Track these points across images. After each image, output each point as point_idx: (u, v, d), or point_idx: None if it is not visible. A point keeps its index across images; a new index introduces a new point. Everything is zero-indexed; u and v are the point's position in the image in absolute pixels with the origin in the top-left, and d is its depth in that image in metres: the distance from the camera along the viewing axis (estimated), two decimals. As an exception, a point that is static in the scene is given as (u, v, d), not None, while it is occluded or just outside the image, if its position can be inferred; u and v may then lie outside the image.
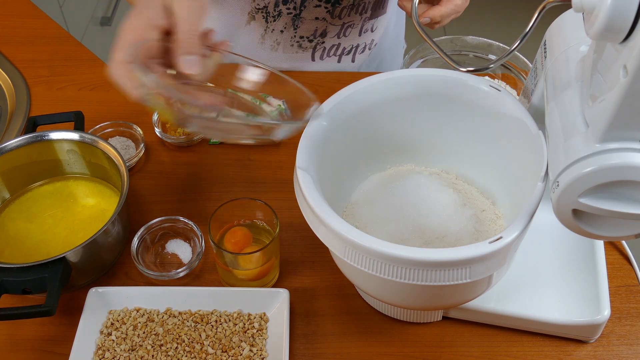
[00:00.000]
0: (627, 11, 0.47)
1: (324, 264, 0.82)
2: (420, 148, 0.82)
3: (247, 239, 0.79)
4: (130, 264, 0.83)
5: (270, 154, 0.96)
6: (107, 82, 0.99)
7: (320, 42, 1.06)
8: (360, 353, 0.75)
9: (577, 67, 0.62)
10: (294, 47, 1.06)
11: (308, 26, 1.03)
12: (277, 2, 0.99)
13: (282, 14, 1.01)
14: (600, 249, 0.78)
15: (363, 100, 0.75)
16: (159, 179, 0.93)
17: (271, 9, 1.00)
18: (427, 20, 0.85)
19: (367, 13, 1.05)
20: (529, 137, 0.68)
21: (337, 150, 0.75)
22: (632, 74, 0.48)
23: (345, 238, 0.61)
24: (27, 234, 0.82)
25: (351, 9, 1.02)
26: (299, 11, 1.01)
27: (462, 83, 0.75)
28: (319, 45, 1.07)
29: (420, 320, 0.77)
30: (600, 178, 0.54)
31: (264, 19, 1.02)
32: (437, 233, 0.74)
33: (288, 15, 1.01)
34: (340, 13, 1.02)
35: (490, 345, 0.76)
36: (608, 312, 0.73)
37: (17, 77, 1.06)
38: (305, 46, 1.06)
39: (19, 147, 0.84)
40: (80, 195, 0.87)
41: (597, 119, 0.54)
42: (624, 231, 0.59)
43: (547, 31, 0.70)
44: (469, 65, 0.76)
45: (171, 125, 0.97)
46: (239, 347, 0.74)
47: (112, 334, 0.75)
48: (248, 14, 1.02)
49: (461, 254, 0.59)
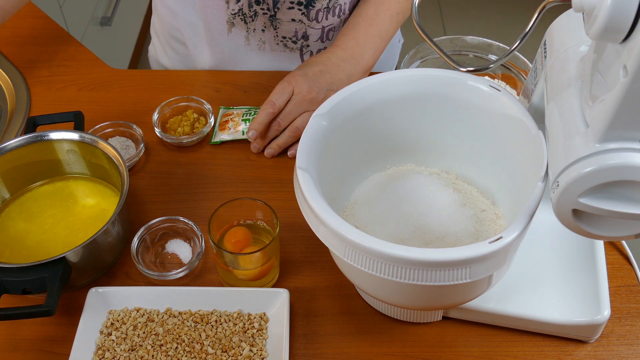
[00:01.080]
0: (627, 11, 0.47)
1: (324, 264, 0.82)
2: (420, 148, 0.82)
3: (247, 239, 0.79)
4: (130, 264, 0.83)
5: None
6: (107, 82, 1.00)
7: (305, 45, 1.06)
8: (360, 353, 0.75)
9: (577, 67, 0.62)
10: (280, 46, 1.06)
11: (287, 27, 1.03)
12: (250, 2, 0.99)
13: (258, 14, 1.01)
14: (600, 249, 0.78)
15: (363, 100, 0.75)
16: (159, 179, 0.93)
17: (246, 10, 1.01)
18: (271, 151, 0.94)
19: (345, 14, 1.03)
20: (529, 137, 0.68)
21: (337, 150, 0.75)
22: (632, 74, 0.48)
23: (345, 238, 0.61)
24: (27, 234, 0.82)
25: (327, 12, 1.01)
26: (274, 12, 1.01)
27: (462, 83, 0.75)
28: (305, 48, 1.07)
29: (420, 320, 0.77)
30: (600, 178, 0.54)
31: (242, 21, 1.02)
32: (437, 233, 0.74)
33: (264, 15, 1.01)
34: (316, 16, 1.01)
35: (490, 345, 0.76)
36: (608, 312, 0.73)
37: (17, 77, 1.06)
38: (290, 46, 1.06)
39: (19, 147, 0.84)
40: (80, 195, 0.87)
41: (597, 119, 0.54)
42: (624, 231, 0.59)
43: (547, 31, 0.70)
44: (469, 65, 0.76)
45: (171, 125, 0.97)
46: (239, 347, 0.74)
47: (112, 334, 0.75)
48: (227, 23, 1.02)
49: (461, 254, 0.59)
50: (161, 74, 1.09)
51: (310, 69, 0.93)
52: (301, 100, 0.91)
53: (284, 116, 0.92)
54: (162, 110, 0.97)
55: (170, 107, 0.98)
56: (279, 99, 0.91)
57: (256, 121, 0.92)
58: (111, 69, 1.08)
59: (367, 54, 0.96)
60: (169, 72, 1.11)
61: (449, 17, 2.72)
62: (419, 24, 0.80)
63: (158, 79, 1.07)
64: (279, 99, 0.91)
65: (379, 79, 0.76)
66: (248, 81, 1.06)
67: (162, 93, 1.03)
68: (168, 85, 1.05)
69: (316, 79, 0.92)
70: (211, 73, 1.08)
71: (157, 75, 1.08)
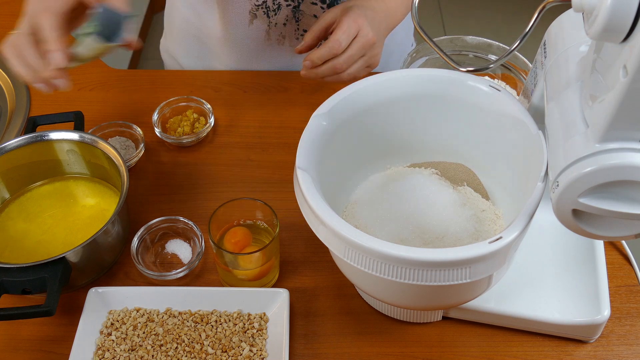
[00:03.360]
0: (627, 11, 0.46)
1: (324, 264, 0.82)
2: (420, 148, 0.82)
3: (247, 239, 0.79)
4: (130, 264, 0.83)
5: (270, 154, 0.96)
6: (107, 82, 1.00)
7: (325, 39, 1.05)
8: (360, 353, 0.75)
9: (577, 67, 0.62)
10: (300, 40, 1.06)
11: (309, 21, 1.03)
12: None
13: (282, 7, 1.01)
14: (600, 249, 0.78)
15: (363, 100, 0.75)
16: (159, 179, 0.93)
17: (270, 2, 1.00)
18: (307, 64, 0.89)
19: None
20: (529, 137, 0.68)
21: (337, 150, 0.75)
22: (632, 74, 0.48)
23: (345, 238, 0.61)
24: (27, 234, 0.82)
25: None
26: (297, 4, 1.01)
27: (462, 83, 0.75)
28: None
29: (420, 320, 0.77)
30: (600, 178, 0.54)
31: (265, 14, 1.02)
32: (437, 233, 0.74)
33: (287, 7, 1.01)
34: None
35: (490, 345, 0.76)
36: (608, 312, 0.73)
37: (17, 77, 1.05)
38: None
39: (19, 147, 0.84)
40: (80, 195, 0.87)
41: (597, 119, 0.54)
42: (624, 231, 0.59)
43: (547, 31, 0.70)
44: (469, 65, 0.76)
45: (170, 125, 0.97)
46: (239, 347, 0.74)
47: (112, 334, 0.75)
48: (249, 13, 1.02)
49: (461, 254, 0.59)
50: (161, 74, 1.09)
51: (369, 13, 0.91)
52: (364, 44, 0.89)
53: (345, 59, 0.89)
54: (162, 110, 0.97)
55: (170, 107, 0.98)
56: (345, 39, 0.88)
57: (317, 55, 0.88)
58: (111, 69, 1.08)
59: (398, 19, 0.97)
60: (169, 72, 1.11)
61: (449, 17, 2.72)
62: (419, 24, 0.80)
63: (158, 79, 1.07)
64: (345, 40, 0.88)
65: (379, 79, 0.76)
66: (248, 81, 1.06)
67: (162, 93, 1.03)
68: (168, 85, 1.05)
69: (377, 24, 0.90)
70: (211, 73, 1.08)
71: (157, 75, 1.08)
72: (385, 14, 0.94)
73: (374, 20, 0.91)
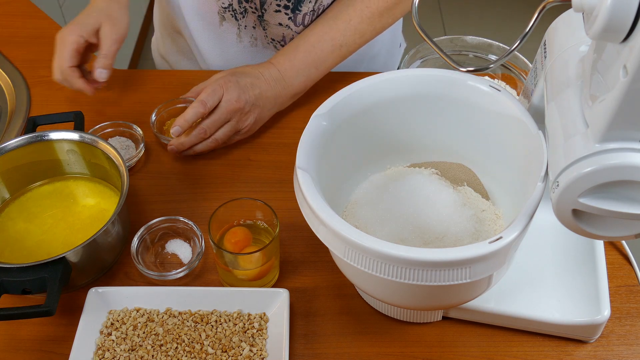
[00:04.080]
0: (627, 11, 0.46)
1: (324, 264, 0.82)
2: (420, 148, 0.82)
3: (247, 239, 0.79)
4: (130, 264, 0.83)
5: (270, 154, 0.96)
6: (107, 82, 1.00)
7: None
8: (360, 353, 0.75)
9: (577, 67, 0.62)
10: (271, 45, 1.06)
11: (275, 30, 1.03)
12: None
13: (248, 12, 1.01)
14: (600, 249, 0.78)
15: (363, 100, 0.75)
16: (159, 179, 0.93)
17: (236, 5, 1.00)
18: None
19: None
20: (529, 137, 0.68)
21: (337, 150, 0.75)
22: (632, 74, 0.48)
23: (345, 238, 0.61)
24: (27, 234, 0.82)
25: (313, 15, 1.00)
26: (261, 13, 1.00)
27: (462, 83, 0.75)
28: None
29: (420, 320, 0.77)
30: (600, 178, 0.54)
31: (233, 17, 1.02)
32: (437, 233, 0.74)
33: (253, 14, 1.01)
34: (303, 20, 1.01)
35: (490, 345, 0.76)
36: (608, 312, 0.73)
37: (17, 77, 1.06)
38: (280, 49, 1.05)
39: (19, 147, 0.84)
40: (80, 195, 0.87)
41: (597, 119, 0.54)
42: (624, 231, 0.59)
43: (547, 31, 0.70)
44: (469, 65, 0.76)
45: (168, 126, 0.97)
46: (239, 347, 0.74)
47: (112, 334, 0.75)
48: (218, 14, 1.02)
49: (461, 254, 0.59)
50: (160, 74, 1.09)
51: (242, 79, 0.92)
52: (228, 109, 0.90)
53: (210, 124, 0.90)
54: (159, 112, 0.97)
55: (167, 108, 0.97)
56: (210, 100, 0.89)
57: (184, 118, 0.89)
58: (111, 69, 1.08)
59: (298, 81, 0.96)
60: (168, 72, 1.11)
61: (449, 17, 2.72)
62: (419, 24, 0.80)
63: (158, 79, 1.07)
64: (209, 100, 0.89)
65: (379, 79, 0.76)
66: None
67: (162, 93, 1.03)
68: (167, 85, 1.05)
69: (246, 90, 0.91)
70: (211, 73, 1.08)
71: (157, 75, 1.08)
72: (277, 80, 0.94)
73: (253, 86, 0.92)
